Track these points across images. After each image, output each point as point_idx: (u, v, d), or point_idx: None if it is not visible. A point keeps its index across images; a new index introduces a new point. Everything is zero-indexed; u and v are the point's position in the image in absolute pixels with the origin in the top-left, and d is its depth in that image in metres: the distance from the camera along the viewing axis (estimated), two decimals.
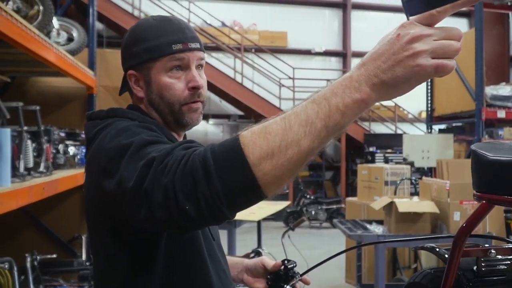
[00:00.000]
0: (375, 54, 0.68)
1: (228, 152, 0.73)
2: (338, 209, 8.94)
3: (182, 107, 1.04)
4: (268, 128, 0.72)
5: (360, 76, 0.68)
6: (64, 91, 4.09)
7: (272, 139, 0.70)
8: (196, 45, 1.04)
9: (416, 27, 0.65)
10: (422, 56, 0.64)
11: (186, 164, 0.75)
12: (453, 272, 0.90)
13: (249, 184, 0.71)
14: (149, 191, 0.77)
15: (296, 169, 0.71)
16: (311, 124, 0.69)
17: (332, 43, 12.00)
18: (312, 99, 0.71)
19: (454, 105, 6.17)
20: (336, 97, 0.69)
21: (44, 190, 2.44)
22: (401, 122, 11.29)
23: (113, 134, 0.90)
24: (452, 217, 3.63)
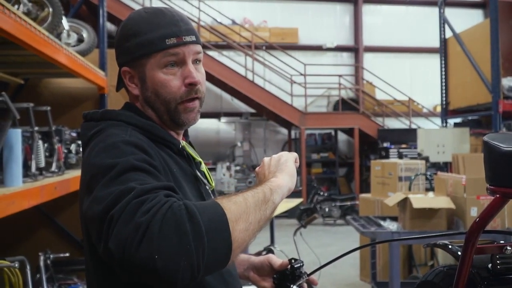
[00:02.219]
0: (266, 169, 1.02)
1: (214, 216, 0.78)
2: (352, 206, 8.86)
3: (178, 105, 1.00)
4: (233, 198, 0.85)
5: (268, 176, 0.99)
6: (76, 91, 4.12)
7: (239, 205, 0.84)
8: (191, 38, 1.00)
9: (274, 155, 1.05)
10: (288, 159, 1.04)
11: (168, 211, 0.73)
12: (466, 270, 0.87)
13: (227, 246, 0.78)
14: (115, 218, 0.74)
15: (255, 233, 0.85)
16: (257, 197, 0.88)
17: (343, 38, 11.89)
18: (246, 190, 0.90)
19: (470, 98, 6.05)
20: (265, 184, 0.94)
21: (56, 189, 2.46)
22: (416, 116, 11.13)
23: (101, 148, 0.88)
24: (469, 212, 3.56)
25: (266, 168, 1.00)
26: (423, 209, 3.58)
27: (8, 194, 1.86)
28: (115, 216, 0.74)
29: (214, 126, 11.41)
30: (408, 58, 12.06)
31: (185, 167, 1.03)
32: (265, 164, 1.01)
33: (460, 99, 6.42)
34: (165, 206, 0.74)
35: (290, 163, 1.00)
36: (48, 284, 2.76)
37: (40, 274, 2.65)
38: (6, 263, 1.75)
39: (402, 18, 12.11)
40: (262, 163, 1.03)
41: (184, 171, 1.02)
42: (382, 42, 11.85)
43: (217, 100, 11.03)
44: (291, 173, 0.98)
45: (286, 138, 11.51)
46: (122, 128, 0.95)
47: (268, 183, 0.92)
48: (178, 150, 1.03)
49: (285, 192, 0.93)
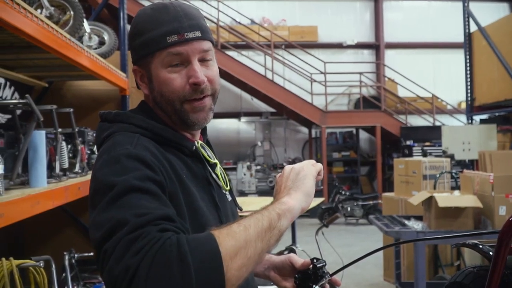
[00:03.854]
0: (284, 182, 0.99)
1: (206, 253, 0.75)
2: (374, 205, 8.74)
3: (184, 105, 0.96)
4: (233, 229, 0.81)
5: (283, 193, 0.95)
6: (98, 93, 4.18)
7: (238, 238, 0.80)
8: (194, 34, 0.95)
9: (296, 164, 1.02)
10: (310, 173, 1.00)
11: (159, 251, 0.72)
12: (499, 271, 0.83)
13: (219, 284, 0.74)
14: (107, 254, 0.75)
15: (254, 265, 0.81)
16: (261, 225, 0.84)
17: (364, 35, 11.73)
18: (254, 212, 0.88)
19: (497, 93, 5.88)
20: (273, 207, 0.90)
21: (79, 190, 2.50)
22: (439, 114, 10.90)
23: (104, 161, 0.87)
24: (497, 211, 3.45)
25: (284, 180, 0.97)
26: (449, 208, 3.49)
27: (33, 195, 1.89)
28: (108, 252, 0.75)
29: (234, 126, 11.43)
30: (431, 54, 11.81)
31: (197, 171, 1.00)
32: (284, 175, 0.98)
33: (486, 95, 6.25)
34: (155, 247, 0.72)
35: (308, 180, 0.96)
36: (73, 283, 2.81)
37: (66, 273, 2.69)
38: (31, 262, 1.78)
39: (424, 13, 11.88)
40: (283, 172, 0.99)
41: (196, 175, 0.99)
42: (404, 38, 11.64)
43: (237, 100, 11.04)
44: (307, 191, 0.94)
45: (306, 137, 11.44)
46: (130, 135, 0.93)
47: (278, 204, 0.89)
48: (191, 152, 1.00)
49: (296, 214, 0.90)
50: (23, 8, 1.86)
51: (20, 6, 1.82)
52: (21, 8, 1.83)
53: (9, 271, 1.66)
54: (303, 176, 0.96)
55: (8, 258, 1.71)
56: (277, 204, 0.89)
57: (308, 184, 0.95)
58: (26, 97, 1.94)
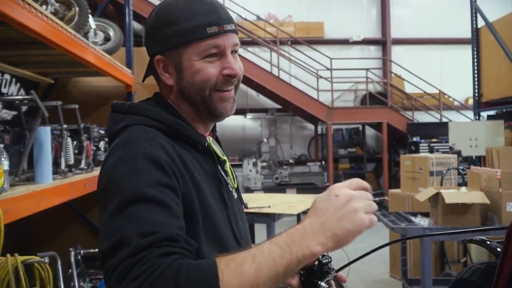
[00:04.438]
0: (320, 211, 0.79)
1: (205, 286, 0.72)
2: (381, 201, 8.69)
3: (213, 93, 0.97)
4: (243, 268, 0.74)
5: (315, 229, 0.77)
6: (103, 90, 4.19)
7: (245, 281, 0.73)
8: (231, 27, 0.96)
9: (347, 190, 0.80)
10: (360, 211, 0.78)
11: (157, 279, 0.71)
12: (507, 267, 0.81)
13: None
14: (109, 272, 0.76)
15: None
16: (277, 268, 0.75)
17: (370, 31, 11.65)
18: (275, 242, 0.77)
19: (504, 89, 5.81)
20: (296, 246, 0.76)
21: (85, 186, 2.50)
22: (446, 110, 10.81)
23: (119, 158, 0.86)
24: (504, 208, 3.41)
25: (325, 211, 0.78)
26: (456, 205, 3.46)
27: (39, 191, 1.90)
28: (109, 270, 0.76)
29: (240, 122, 11.42)
30: (438, 50, 11.71)
31: (208, 168, 1.00)
32: (329, 204, 0.79)
33: (494, 91, 6.18)
34: (153, 275, 0.72)
35: (354, 222, 0.77)
36: (79, 279, 2.82)
37: (72, 269, 2.70)
38: (36, 258, 1.79)
39: (431, 9, 11.77)
40: (328, 196, 0.80)
41: (207, 171, 0.99)
42: (411, 34, 11.55)
43: (243, 97, 11.03)
44: (345, 242, 0.78)
45: (312, 133, 11.40)
46: (145, 130, 0.92)
47: (304, 249, 0.76)
48: (203, 148, 1.00)
49: (309, 261, 0.79)
50: (28, 3, 1.86)
51: (24, 2, 1.82)
52: (25, 4, 1.83)
53: (14, 267, 1.67)
54: (352, 219, 0.77)
55: (13, 254, 1.72)
56: (303, 248, 0.76)
57: (352, 233, 0.77)
58: (31, 93, 1.94)
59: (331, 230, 0.77)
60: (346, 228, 0.77)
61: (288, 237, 0.77)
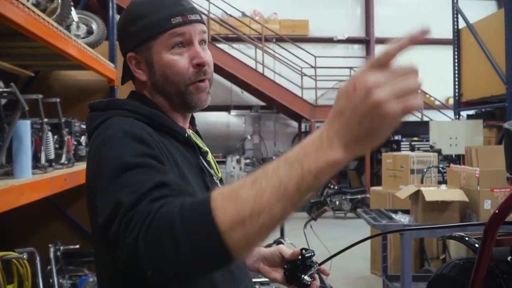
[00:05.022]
0: (338, 111, 0.63)
1: (198, 219, 0.69)
2: (363, 199, 8.80)
3: (189, 87, 0.98)
4: (240, 194, 0.67)
5: (330, 135, 0.64)
6: (86, 84, 4.13)
7: (243, 207, 0.66)
8: (196, 17, 0.98)
9: (369, 75, 0.60)
10: (386, 103, 0.59)
11: (152, 222, 0.71)
12: (484, 262, 0.83)
13: (220, 252, 0.68)
14: (114, 241, 0.76)
15: (268, 233, 0.69)
16: (284, 189, 0.65)
17: (354, 30, 11.76)
18: (284, 159, 0.67)
19: (484, 89, 5.94)
20: (308, 159, 0.64)
21: (66, 181, 2.46)
22: (427, 109, 10.99)
23: (101, 141, 0.87)
24: (482, 205, 3.50)
25: (343, 112, 0.62)
26: (436, 202, 3.53)
27: (17, 186, 1.86)
28: (113, 239, 0.77)
29: (224, 119, 11.40)
30: (420, 50, 11.86)
31: (190, 158, 1.00)
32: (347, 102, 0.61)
33: (474, 91, 6.31)
34: (146, 222, 0.72)
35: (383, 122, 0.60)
36: (58, 275, 2.78)
37: (50, 266, 2.66)
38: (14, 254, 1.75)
39: (414, 9, 11.93)
40: (346, 91, 0.62)
41: (189, 161, 0.99)
42: (394, 33, 11.67)
43: (227, 93, 11.00)
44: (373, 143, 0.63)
45: (296, 131, 11.46)
46: (124, 119, 0.93)
47: (319, 161, 0.63)
48: (183, 139, 1.00)
49: (333, 171, 0.66)
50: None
51: None
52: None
53: None
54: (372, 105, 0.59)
55: None
56: (320, 157, 0.63)
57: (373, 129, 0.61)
58: (11, 85, 1.90)
59: (351, 134, 0.62)
60: (367, 129, 0.61)
61: (300, 150, 0.65)
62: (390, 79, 0.60)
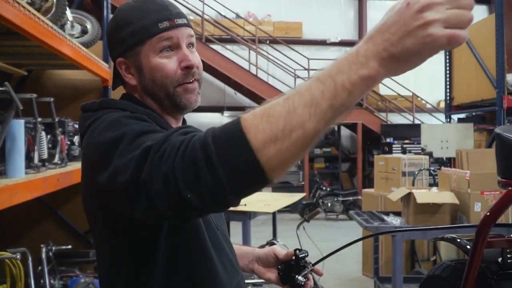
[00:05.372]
0: (384, 26, 0.63)
1: (230, 137, 0.69)
2: (354, 201, 8.85)
3: (177, 88, 0.99)
4: (271, 110, 0.67)
5: (367, 50, 0.63)
6: (79, 83, 4.11)
7: (275, 122, 0.66)
8: (183, 21, 0.99)
9: None
10: (434, 26, 0.59)
11: (186, 150, 0.71)
12: (476, 264, 0.85)
13: (253, 170, 0.67)
14: (147, 181, 0.74)
15: (302, 151, 0.68)
16: (316, 105, 0.65)
17: (347, 33, 11.82)
18: (316, 77, 0.67)
19: (474, 93, 6.01)
20: (342, 75, 0.64)
21: (58, 181, 2.45)
22: (419, 112, 11.08)
23: (103, 127, 0.87)
24: (472, 208, 3.54)
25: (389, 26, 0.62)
26: (427, 204, 3.56)
27: (11, 185, 1.85)
28: (147, 179, 0.74)
29: (217, 120, 11.38)
30: None
31: None
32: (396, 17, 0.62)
33: (464, 95, 6.38)
34: (181, 148, 0.72)
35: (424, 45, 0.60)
36: (50, 276, 2.76)
37: (42, 266, 2.65)
38: (7, 254, 1.74)
39: None
40: (398, 4, 0.63)
41: None
42: None
43: (220, 94, 11.00)
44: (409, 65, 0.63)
45: None
46: (120, 111, 0.94)
47: (352, 76, 0.63)
48: None
49: (375, 85, 0.65)
50: None
51: None
52: None
53: None
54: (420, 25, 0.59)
55: None
56: (352, 73, 0.63)
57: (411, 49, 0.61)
58: (5, 84, 1.89)
59: (388, 51, 0.61)
60: (407, 48, 0.61)
61: (334, 67, 0.66)
62: (445, 4, 0.60)
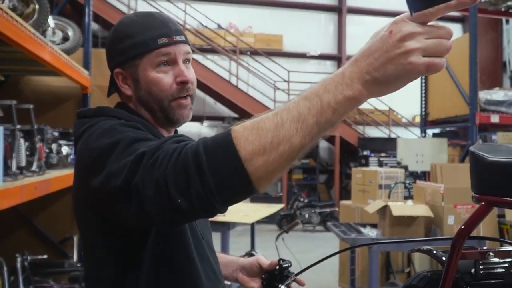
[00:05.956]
0: (368, 50, 0.68)
1: (220, 147, 0.73)
2: (331, 212, 8.94)
3: (171, 102, 1.02)
4: (261, 124, 0.72)
5: (353, 73, 0.68)
6: (58, 90, 4.06)
7: (264, 135, 0.70)
8: (181, 38, 1.03)
9: (408, 24, 0.65)
10: (414, 54, 0.64)
11: (178, 158, 0.74)
12: (451, 274, 0.90)
13: (241, 179, 0.71)
14: (140, 186, 0.76)
15: (288, 164, 0.72)
16: (303, 121, 0.69)
17: (327, 47, 12.04)
18: (304, 95, 0.72)
19: (448, 109, 6.20)
20: (328, 94, 0.69)
21: (36, 189, 2.41)
22: (395, 126, 11.34)
23: (98, 133, 0.89)
24: (446, 221, 3.64)
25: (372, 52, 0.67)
26: (402, 217, 3.65)
27: None
28: (139, 185, 0.77)
29: (196, 129, 11.35)
30: None
31: None
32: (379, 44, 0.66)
33: (439, 111, 6.58)
34: (175, 154, 0.75)
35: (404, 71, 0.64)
36: (24, 286, 2.70)
37: (16, 276, 2.58)
38: None
39: None
40: (380, 32, 0.68)
41: None
42: None
43: (200, 104, 10.99)
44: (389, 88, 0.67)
45: None
46: (115, 119, 0.97)
47: (338, 96, 0.67)
48: None
49: (357, 105, 0.69)
50: None
51: None
52: None
53: None
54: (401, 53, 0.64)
55: None
56: (338, 92, 0.68)
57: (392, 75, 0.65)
58: None
59: (371, 75, 0.66)
60: (389, 74, 0.66)
61: (322, 86, 0.70)
62: (425, 34, 0.65)
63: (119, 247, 0.93)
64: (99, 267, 0.95)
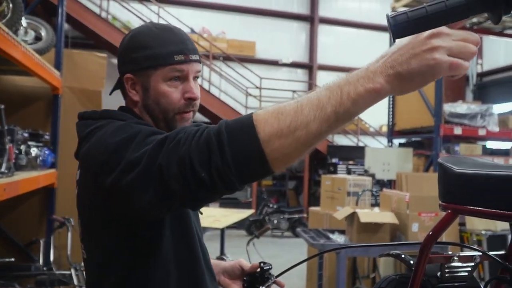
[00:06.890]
0: (395, 48, 0.71)
1: (241, 127, 0.77)
2: (300, 218, 9.05)
3: (176, 115, 1.06)
4: (281, 108, 0.76)
5: (376, 67, 0.72)
6: (28, 90, 3.95)
7: (283, 119, 0.74)
8: (196, 57, 1.08)
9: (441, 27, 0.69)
10: (439, 52, 0.67)
11: (201, 136, 0.79)
12: (419, 277, 0.97)
13: (258, 158, 0.75)
14: (163, 166, 0.79)
15: (304, 149, 0.76)
16: (321, 109, 0.73)
17: (299, 55, 12.23)
18: (327, 86, 0.76)
19: (414, 120, 6.43)
20: (349, 86, 0.72)
21: (5, 191, 2.35)
22: (363, 135, 11.62)
23: (113, 131, 0.92)
24: (410, 228, 3.78)
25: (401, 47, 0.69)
26: (370, 224, 3.76)
27: None
28: (162, 164, 0.80)
29: None
30: None
31: None
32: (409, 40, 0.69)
33: (405, 121, 6.81)
34: (197, 134, 0.79)
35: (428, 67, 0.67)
36: None
37: None
38: None
39: (353, 40, 12.66)
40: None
41: None
42: (335, 61, 12.32)
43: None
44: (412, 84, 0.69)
45: None
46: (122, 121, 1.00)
47: (358, 88, 0.70)
48: None
49: (381, 99, 0.72)
50: None
51: None
52: None
53: None
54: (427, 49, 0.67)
55: None
56: (359, 84, 0.71)
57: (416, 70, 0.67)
58: None
59: (395, 69, 0.69)
60: (412, 68, 0.68)
61: (344, 78, 0.74)
62: (453, 36, 0.69)
63: (127, 246, 0.95)
64: (104, 267, 0.97)
